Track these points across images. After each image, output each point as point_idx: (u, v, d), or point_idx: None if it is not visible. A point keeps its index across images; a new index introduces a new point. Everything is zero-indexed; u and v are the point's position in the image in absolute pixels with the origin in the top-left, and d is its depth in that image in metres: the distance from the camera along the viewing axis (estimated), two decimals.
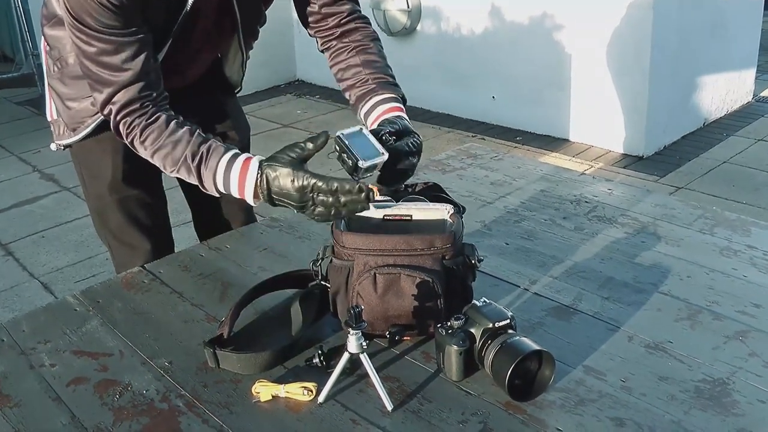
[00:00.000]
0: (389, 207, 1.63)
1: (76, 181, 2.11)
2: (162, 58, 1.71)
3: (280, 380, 1.43)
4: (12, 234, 4.76)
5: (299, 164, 1.53)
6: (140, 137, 1.63)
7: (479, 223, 2.08)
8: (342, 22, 1.88)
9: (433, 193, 1.69)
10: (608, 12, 5.34)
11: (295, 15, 1.93)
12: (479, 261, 1.56)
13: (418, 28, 6.69)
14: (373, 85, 1.82)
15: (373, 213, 1.61)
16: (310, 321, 1.59)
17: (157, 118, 1.63)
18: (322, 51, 1.94)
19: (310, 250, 1.80)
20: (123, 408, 1.40)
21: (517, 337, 1.36)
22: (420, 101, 6.90)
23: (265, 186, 1.53)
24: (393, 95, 1.81)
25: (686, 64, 5.62)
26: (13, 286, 4.11)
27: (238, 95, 2.24)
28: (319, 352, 1.47)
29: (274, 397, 1.39)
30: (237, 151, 1.61)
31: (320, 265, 1.59)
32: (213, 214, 2.25)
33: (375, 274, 1.49)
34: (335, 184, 1.48)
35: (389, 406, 1.35)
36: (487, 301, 1.44)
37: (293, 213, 1.58)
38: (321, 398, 1.39)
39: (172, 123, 1.63)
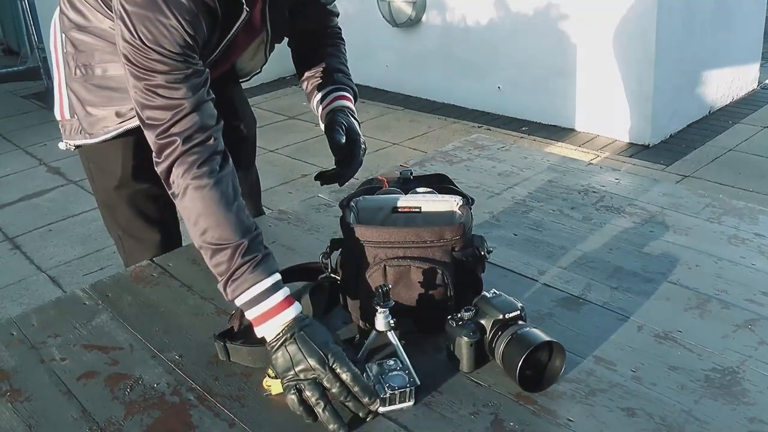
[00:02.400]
0: (398, 198, 1.63)
1: (83, 175, 2.11)
2: None
3: None
4: (19, 227, 4.77)
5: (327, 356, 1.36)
6: (209, 189, 1.44)
7: (488, 214, 2.08)
8: (318, 32, 2.01)
9: (441, 185, 1.69)
10: (613, 1, 5.32)
11: None
12: (488, 252, 1.56)
13: (424, 18, 6.68)
14: (328, 76, 1.95)
15: (383, 204, 1.62)
16: (320, 314, 1.59)
17: (233, 180, 1.49)
18: (290, 46, 2.06)
19: (319, 243, 1.80)
20: (134, 402, 1.40)
21: (528, 328, 1.36)
22: (425, 92, 6.90)
23: (289, 335, 1.37)
24: (346, 85, 1.95)
25: (691, 52, 5.60)
26: (21, 279, 4.12)
27: (243, 87, 2.23)
28: None
29: None
30: (281, 281, 1.44)
31: (330, 257, 1.59)
32: None
33: (385, 266, 1.48)
34: (358, 386, 1.33)
35: (418, 381, 1.36)
36: (497, 293, 1.44)
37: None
38: None
39: (240, 197, 1.49)
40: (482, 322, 1.40)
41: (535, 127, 6.00)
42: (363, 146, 1.88)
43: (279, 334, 1.37)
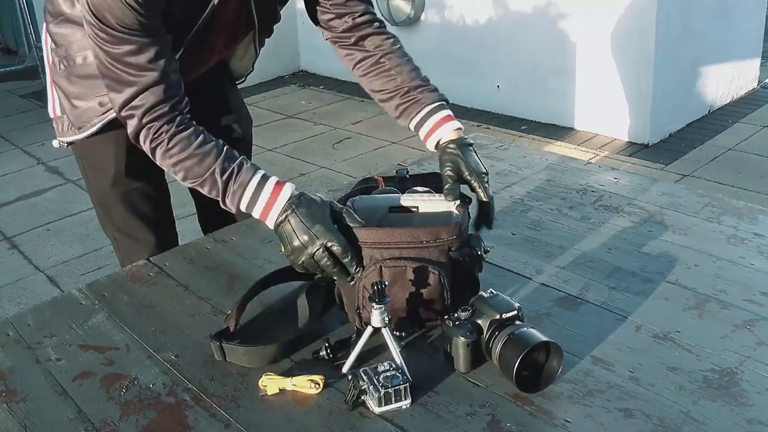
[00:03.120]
0: (395, 198, 1.63)
1: (81, 174, 2.11)
2: (177, 57, 1.69)
3: (288, 373, 1.42)
4: (17, 227, 4.76)
5: (328, 215, 1.51)
6: (167, 144, 1.58)
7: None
8: (356, 24, 1.84)
9: (439, 183, 1.67)
10: (612, 0, 5.32)
11: (299, 5, 1.92)
12: (486, 252, 1.56)
13: (422, 17, 6.67)
14: (417, 95, 1.80)
15: (379, 204, 1.62)
16: (316, 314, 1.59)
17: (186, 128, 1.60)
18: (344, 61, 1.90)
19: None
20: (130, 402, 1.40)
21: (525, 328, 1.36)
22: None
23: (288, 213, 1.51)
24: (439, 102, 1.80)
25: (691, 51, 5.60)
26: (19, 279, 4.11)
27: (241, 86, 2.23)
28: (326, 345, 1.47)
29: (282, 391, 1.39)
30: (265, 172, 1.59)
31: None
32: (218, 206, 2.24)
33: (381, 267, 1.48)
34: (346, 259, 1.47)
35: (410, 379, 1.35)
36: (494, 292, 1.44)
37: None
38: (344, 369, 1.43)
39: (201, 135, 1.60)
40: (479, 322, 1.40)
41: (534, 126, 5.99)
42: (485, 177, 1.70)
43: (279, 216, 1.51)
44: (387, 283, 1.42)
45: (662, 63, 5.29)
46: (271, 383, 1.39)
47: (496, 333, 1.37)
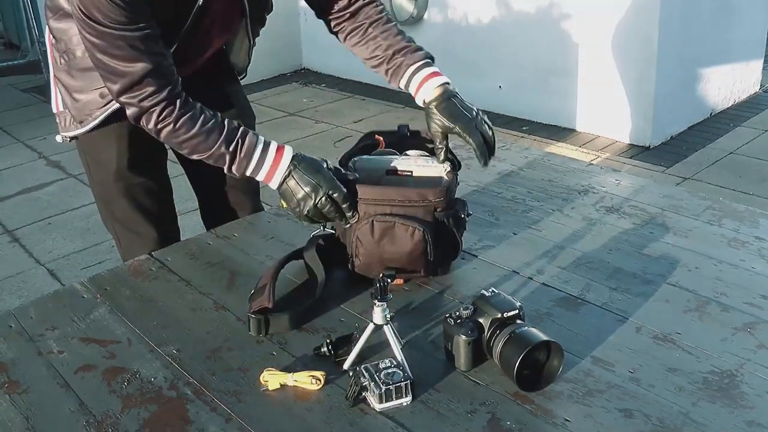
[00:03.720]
0: (393, 160, 1.76)
1: (83, 168, 2.11)
2: (173, 50, 1.71)
3: (289, 369, 1.43)
4: (18, 220, 4.76)
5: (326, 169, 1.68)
6: (174, 126, 1.65)
7: (487, 212, 2.08)
8: (356, 12, 1.90)
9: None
10: (615, 1, 5.32)
11: (301, 3, 1.92)
12: (468, 216, 1.73)
13: (425, 16, 6.67)
14: (402, 58, 1.87)
15: (379, 166, 1.76)
16: (329, 267, 1.72)
17: (189, 108, 1.66)
18: (334, 33, 1.96)
19: None
20: (131, 395, 1.40)
21: (526, 328, 1.36)
22: None
23: (291, 170, 1.66)
24: (423, 60, 1.87)
25: (693, 54, 5.60)
26: (20, 272, 4.11)
27: (243, 83, 2.23)
28: (328, 341, 1.47)
29: (283, 386, 1.39)
30: (267, 139, 1.71)
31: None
32: (220, 202, 2.25)
33: (373, 221, 1.65)
34: (345, 205, 1.64)
35: (411, 376, 1.36)
36: (496, 291, 1.44)
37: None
38: (346, 366, 1.44)
39: (203, 114, 1.67)
40: (480, 320, 1.40)
41: (535, 126, 5.99)
42: (479, 117, 1.88)
43: (281, 178, 1.66)
44: (377, 237, 1.63)
45: (665, 65, 5.29)
46: (272, 378, 1.40)
47: (498, 332, 1.37)
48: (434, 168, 1.76)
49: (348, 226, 1.67)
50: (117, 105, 1.83)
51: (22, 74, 8.25)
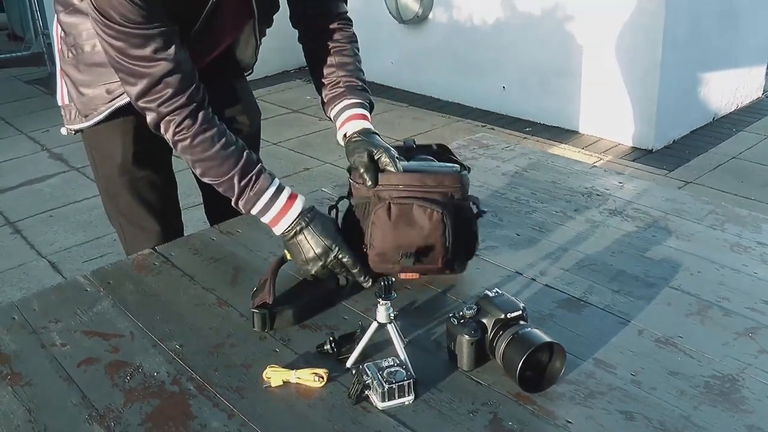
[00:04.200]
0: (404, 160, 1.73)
1: (85, 161, 2.11)
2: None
3: (292, 366, 1.43)
4: (20, 212, 4.77)
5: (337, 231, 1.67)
6: (191, 142, 1.64)
7: (491, 213, 2.08)
8: (327, 20, 1.92)
9: (445, 156, 1.83)
10: (620, 3, 5.32)
11: None
12: (483, 213, 1.73)
13: (430, 16, 6.67)
14: (343, 89, 1.88)
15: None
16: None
17: (210, 127, 1.65)
18: (301, 42, 1.98)
19: None
20: (134, 389, 1.40)
21: (529, 329, 1.37)
22: (430, 90, 6.90)
23: (297, 229, 1.64)
24: (359, 100, 1.87)
25: (697, 58, 5.60)
26: (21, 264, 4.12)
27: (248, 79, 2.24)
28: (331, 339, 1.48)
29: (285, 383, 1.40)
30: (281, 183, 1.69)
31: (337, 206, 1.76)
32: (224, 197, 2.24)
33: (389, 203, 1.63)
34: (356, 269, 1.64)
35: (414, 375, 1.36)
36: (500, 292, 1.45)
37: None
38: (349, 364, 1.44)
39: (224, 138, 1.66)
40: (484, 321, 1.40)
41: (538, 128, 6.00)
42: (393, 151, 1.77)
43: (289, 227, 1.64)
44: (393, 220, 1.62)
45: (668, 69, 5.29)
46: (275, 375, 1.40)
47: (501, 332, 1.38)
48: (446, 166, 1.73)
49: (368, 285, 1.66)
50: (122, 101, 1.84)
51: (25, 66, 8.25)
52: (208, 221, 2.29)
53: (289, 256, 1.67)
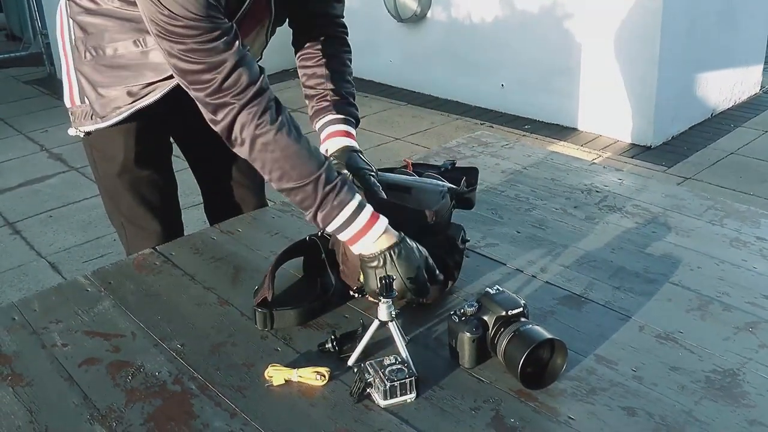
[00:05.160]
0: (398, 177, 1.77)
1: (84, 161, 2.11)
2: None
3: (293, 365, 1.43)
4: (20, 213, 4.77)
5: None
6: (275, 135, 1.52)
7: (490, 210, 2.08)
8: (322, 23, 1.92)
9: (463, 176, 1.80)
10: (618, 1, 5.32)
11: None
12: (463, 242, 1.69)
13: (429, 14, 6.67)
14: (328, 103, 1.88)
15: (382, 180, 1.75)
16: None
17: (290, 121, 1.56)
18: (293, 45, 1.98)
19: None
20: (135, 389, 1.40)
21: (530, 326, 1.37)
22: (429, 88, 6.90)
23: (384, 248, 1.52)
24: (343, 116, 1.87)
25: (695, 54, 5.60)
26: (21, 264, 4.12)
27: None
28: (332, 337, 1.48)
29: (287, 382, 1.40)
30: (362, 198, 1.58)
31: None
32: (224, 197, 2.25)
33: None
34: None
35: (416, 373, 1.36)
36: (500, 289, 1.45)
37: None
38: (351, 362, 1.44)
39: (307, 139, 1.57)
40: (485, 318, 1.40)
41: (537, 125, 6.00)
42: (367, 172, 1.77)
43: (375, 253, 1.51)
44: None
45: (667, 66, 5.29)
46: (276, 374, 1.40)
47: (502, 329, 1.38)
48: (435, 188, 1.71)
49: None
50: (143, 103, 1.84)
51: (23, 66, 8.25)
52: (208, 221, 2.29)
53: (361, 278, 1.56)
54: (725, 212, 2.06)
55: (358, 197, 1.54)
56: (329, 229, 1.55)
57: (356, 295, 1.61)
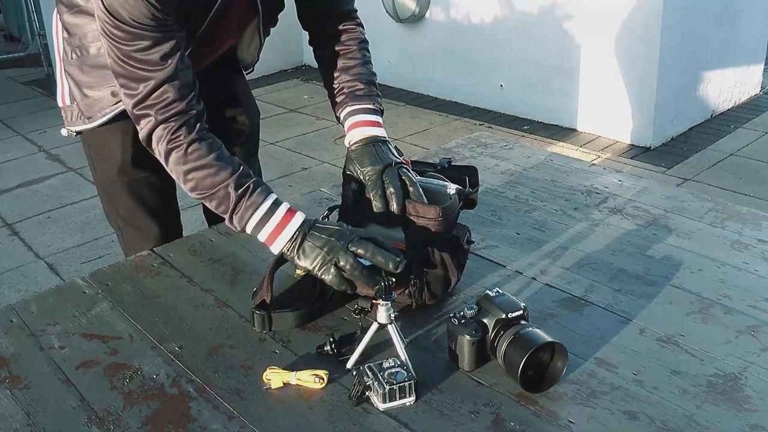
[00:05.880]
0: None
1: (83, 162, 2.11)
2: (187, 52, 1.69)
3: (292, 367, 1.42)
4: (18, 214, 4.76)
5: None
6: (185, 149, 1.56)
7: (490, 212, 2.07)
8: (337, 22, 1.90)
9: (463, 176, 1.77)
10: (618, 1, 5.32)
11: None
12: (468, 243, 1.68)
13: (427, 15, 6.67)
14: (345, 95, 1.88)
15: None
16: None
17: (205, 138, 1.58)
18: (312, 44, 1.98)
19: None
20: (133, 392, 1.40)
21: (530, 328, 1.36)
22: (428, 88, 6.90)
23: (297, 243, 1.52)
24: (363, 105, 1.87)
25: (695, 55, 5.60)
26: (19, 266, 4.11)
27: (247, 78, 2.23)
28: (331, 340, 1.47)
29: (285, 385, 1.39)
30: (277, 197, 1.59)
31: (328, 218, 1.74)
32: None
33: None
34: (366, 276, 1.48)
35: (415, 376, 1.35)
36: (500, 292, 1.44)
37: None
38: (349, 365, 1.43)
39: (220, 149, 1.60)
40: (484, 320, 1.40)
41: (536, 126, 5.99)
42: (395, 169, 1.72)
43: (290, 240, 1.51)
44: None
45: (666, 66, 5.29)
46: (275, 377, 1.39)
47: (502, 332, 1.37)
48: (441, 187, 1.69)
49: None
50: None
51: (22, 67, 8.24)
52: (206, 222, 2.28)
53: (300, 272, 1.58)
54: (726, 214, 2.06)
55: (272, 197, 1.57)
56: (247, 230, 1.57)
57: (357, 316, 1.54)
